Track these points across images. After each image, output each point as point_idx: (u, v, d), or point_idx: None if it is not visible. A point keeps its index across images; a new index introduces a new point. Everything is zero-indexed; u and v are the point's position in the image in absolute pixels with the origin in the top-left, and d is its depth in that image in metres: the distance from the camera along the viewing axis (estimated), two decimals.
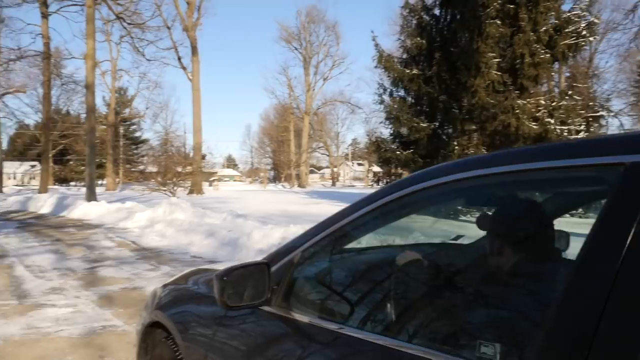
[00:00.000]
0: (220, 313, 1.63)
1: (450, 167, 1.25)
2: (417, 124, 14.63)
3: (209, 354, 1.65)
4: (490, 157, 1.22)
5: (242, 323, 1.59)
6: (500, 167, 1.12)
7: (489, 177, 1.14)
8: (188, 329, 1.81)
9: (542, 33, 12.96)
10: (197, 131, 28.27)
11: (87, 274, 5.86)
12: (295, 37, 45.96)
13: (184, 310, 1.92)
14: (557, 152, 1.07)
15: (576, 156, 0.98)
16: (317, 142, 55.36)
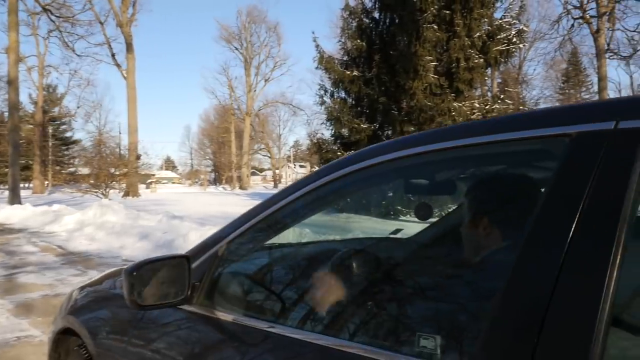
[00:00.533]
0: (137, 315, 1.47)
1: (384, 147, 1.16)
2: (357, 125, 14.77)
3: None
4: (426, 134, 1.13)
5: (159, 326, 1.42)
6: (438, 143, 1.03)
7: (427, 154, 1.06)
8: (101, 335, 1.62)
9: (476, 39, 13.44)
10: (132, 131, 27.22)
11: (3, 281, 5.39)
12: (235, 37, 45.36)
13: (99, 314, 1.72)
14: (499, 125, 1.00)
15: (520, 129, 0.92)
16: (258, 144, 54.90)
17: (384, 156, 1.12)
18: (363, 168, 1.15)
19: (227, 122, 49.81)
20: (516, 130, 0.93)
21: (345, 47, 16.28)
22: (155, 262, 1.26)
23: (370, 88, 14.86)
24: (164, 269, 1.27)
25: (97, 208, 10.08)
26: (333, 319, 1.22)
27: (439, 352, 0.88)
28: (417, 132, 1.23)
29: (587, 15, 24.31)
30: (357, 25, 15.73)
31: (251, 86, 45.10)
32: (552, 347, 0.71)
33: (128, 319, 1.52)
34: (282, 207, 1.27)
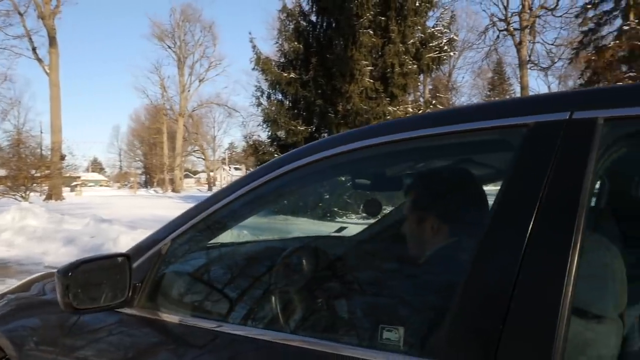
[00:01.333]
0: (69, 322, 1.34)
1: (330, 142, 1.14)
2: (294, 127, 14.77)
3: None
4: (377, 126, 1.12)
5: (95, 331, 1.31)
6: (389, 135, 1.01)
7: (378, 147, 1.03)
8: (28, 346, 1.46)
9: (410, 45, 13.85)
10: (55, 131, 25.68)
11: None
12: (168, 35, 43.95)
13: (24, 322, 1.56)
14: (455, 116, 1.00)
15: (476, 119, 0.92)
16: (192, 146, 53.52)
17: (328, 151, 1.09)
18: (301, 166, 1.12)
19: (158, 123, 48.12)
20: (472, 120, 0.92)
21: (282, 49, 16.25)
22: (92, 262, 1.17)
23: (307, 90, 14.92)
24: (102, 269, 1.17)
25: (15, 211, 9.37)
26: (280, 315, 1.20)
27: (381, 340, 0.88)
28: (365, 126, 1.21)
29: (511, 27, 25.87)
30: (294, 27, 15.74)
31: (185, 86, 43.91)
32: (516, 338, 0.71)
33: (58, 326, 1.39)
34: (223, 206, 1.21)
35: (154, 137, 50.54)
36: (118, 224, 8.06)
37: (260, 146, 16.13)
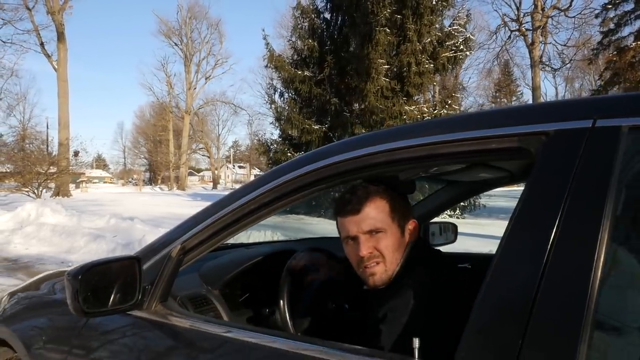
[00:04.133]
0: (79, 323, 1.33)
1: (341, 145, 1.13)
2: (308, 125, 14.62)
3: None
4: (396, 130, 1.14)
5: (105, 334, 1.30)
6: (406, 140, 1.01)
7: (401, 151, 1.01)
8: (37, 345, 1.45)
9: (427, 44, 13.68)
10: (63, 127, 25.56)
11: None
12: (175, 32, 43.81)
13: (34, 322, 1.55)
14: (475, 121, 0.99)
15: (496, 125, 0.91)
16: (197, 143, 53.42)
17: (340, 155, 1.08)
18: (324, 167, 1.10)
19: (164, 120, 48.02)
20: (493, 127, 0.91)
21: (296, 47, 16.11)
22: (102, 265, 1.16)
23: (322, 89, 14.77)
24: (112, 271, 1.16)
25: (32, 208, 9.25)
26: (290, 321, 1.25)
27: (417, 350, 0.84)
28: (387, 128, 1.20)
29: (523, 28, 25.69)
30: (308, 25, 15.62)
31: (191, 84, 43.75)
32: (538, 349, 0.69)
33: (68, 327, 1.38)
34: (239, 207, 1.19)
35: (160, 134, 50.41)
36: (140, 223, 7.93)
37: (273, 145, 16.01)
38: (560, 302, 0.69)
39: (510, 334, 0.71)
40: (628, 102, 0.85)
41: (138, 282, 1.17)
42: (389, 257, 1.14)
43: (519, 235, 0.78)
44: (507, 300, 0.75)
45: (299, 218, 13.11)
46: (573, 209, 0.73)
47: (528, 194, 0.80)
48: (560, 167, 0.78)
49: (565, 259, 0.71)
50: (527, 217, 0.79)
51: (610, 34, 14.34)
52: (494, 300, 0.76)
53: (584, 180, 0.74)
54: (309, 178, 1.11)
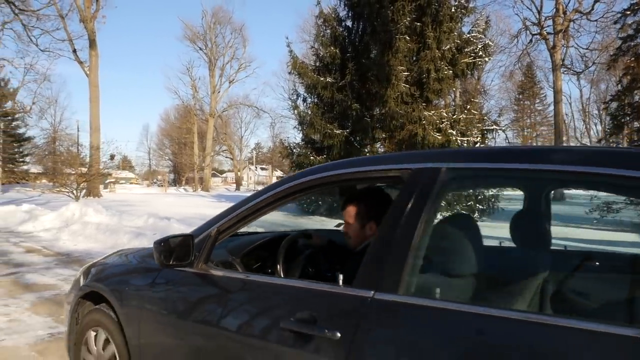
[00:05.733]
0: (149, 280, 2.11)
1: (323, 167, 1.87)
2: (330, 130, 15.08)
3: (143, 312, 2.07)
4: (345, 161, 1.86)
5: (170, 283, 2.03)
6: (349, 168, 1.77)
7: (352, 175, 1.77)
8: (125, 295, 2.19)
9: (446, 51, 14.05)
10: (95, 130, 26.56)
11: (6, 281, 5.40)
12: (200, 37, 44.83)
13: (121, 279, 2.32)
14: (381, 160, 1.76)
15: (389, 162, 1.69)
16: (220, 145, 54.39)
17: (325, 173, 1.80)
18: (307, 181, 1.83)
19: (189, 123, 49.07)
20: (390, 163, 1.67)
21: (318, 54, 16.61)
22: (173, 238, 1.91)
23: (343, 94, 15.24)
24: (177, 242, 1.90)
25: (76, 208, 9.97)
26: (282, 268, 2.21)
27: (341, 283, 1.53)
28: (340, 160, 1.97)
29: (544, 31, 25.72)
30: (331, 32, 16.12)
31: (215, 87, 44.70)
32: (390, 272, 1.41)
33: (144, 282, 2.14)
34: (253, 204, 1.91)
35: (184, 136, 51.52)
36: (176, 222, 8.55)
37: (296, 148, 16.55)
38: (401, 253, 1.39)
39: (383, 269, 1.42)
40: (445, 154, 1.61)
41: (191, 250, 1.89)
42: (353, 237, 2.09)
43: (390, 220, 1.48)
44: (380, 253, 1.45)
45: (320, 219, 13.63)
46: (414, 207, 1.43)
47: (397, 200, 1.51)
48: (411, 187, 1.48)
49: (405, 231, 1.41)
50: (396, 211, 1.48)
51: (628, 39, 14.48)
52: (375, 252, 1.47)
53: (420, 194, 1.44)
54: (297, 187, 1.83)
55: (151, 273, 2.11)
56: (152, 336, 2.06)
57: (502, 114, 34.18)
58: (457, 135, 14.04)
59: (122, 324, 2.16)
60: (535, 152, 1.45)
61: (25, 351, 3.29)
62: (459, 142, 13.84)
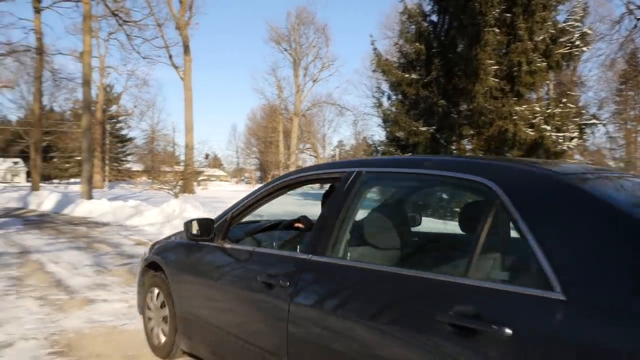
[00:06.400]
0: (184, 252, 3.06)
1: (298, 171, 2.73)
2: (415, 127, 14.92)
3: (180, 274, 3.01)
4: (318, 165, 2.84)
5: (202, 252, 2.88)
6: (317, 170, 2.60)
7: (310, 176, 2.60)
8: (170, 263, 3.16)
9: (539, 42, 13.38)
10: (189, 131, 28.23)
11: (122, 271, 5.99)
12: (284, 38, 46.00)
13: (169, 253, 3.27)
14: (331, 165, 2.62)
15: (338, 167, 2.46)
16: (304, 143, 55.48)
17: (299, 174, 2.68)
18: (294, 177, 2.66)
19: (274, 122, 50.60)
20: (335, 168, 2.47)
21: (402, 50, 16.47)
22: (199, 219, 2.79)
23: (429, 91, 15.00)
24: (202, 223, 2.76)
25: (176, 205, 10.73)
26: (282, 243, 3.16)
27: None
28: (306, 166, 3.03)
29: None
30: (415, 28, 15.91)
31: (299, 87, 45.73)
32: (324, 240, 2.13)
33: (183, 253, 3.07)
34: (254, 196, 2.75)
35: (270, 135, 53.19)
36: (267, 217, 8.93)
37: (380, 147, 16.56)
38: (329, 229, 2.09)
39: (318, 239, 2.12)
40: (364, 162, 2.32)
41: (212, 229, 2.74)
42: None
43: (327, 206, 2.26)
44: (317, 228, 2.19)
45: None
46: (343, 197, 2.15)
47: (334, 192, 2.24)
48: (343, 185, 2.17)
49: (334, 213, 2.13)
50: (332, 200, 2.21)
51: None
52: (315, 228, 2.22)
53: (348, 189, 2.14)
54: (281, 185, 2.65)
55: (186, 247, 3.03)
56: (186, 290, 2.95)
57: (602, 107, 31.77)
58: (552, 130, 13.32)
59: (169, 283, 3.11)
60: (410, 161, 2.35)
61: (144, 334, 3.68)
62: (553, 138, 13.14)
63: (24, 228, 10.59)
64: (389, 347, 1.64)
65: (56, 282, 5.37)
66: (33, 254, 7.21)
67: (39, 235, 9.32)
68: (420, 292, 1.66)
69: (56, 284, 5.25)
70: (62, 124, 43.96)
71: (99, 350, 3.32)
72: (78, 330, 3.73)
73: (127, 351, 3.32)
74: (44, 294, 4.82)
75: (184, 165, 21.01)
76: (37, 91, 25.04)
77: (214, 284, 2.67)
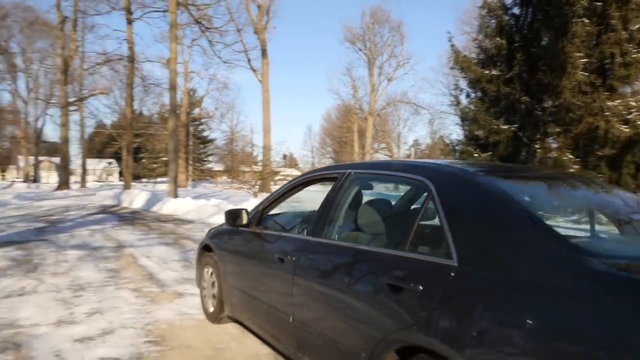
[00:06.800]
0: (227, 236, 3.89)
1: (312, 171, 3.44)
2: (496, 126, 14.39)
3: (225, 254, 3.84)
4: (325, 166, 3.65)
5: (238, 237, 3.71)
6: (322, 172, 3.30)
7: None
8: (217, 245, 4.00)
9: (634, 31, 12.41)
10: (267, 132, 28.99)
11: None
12: (359, 38, 45.95)
13: (218, 237, 4.09)
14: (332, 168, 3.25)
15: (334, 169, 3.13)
16: (379, 143, 55.17)
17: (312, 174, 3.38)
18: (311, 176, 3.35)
19: (349, 122, 50.76)
20: (335, 169, 3.09)
21: (482, 46, 15.92)
22: (235, 209, 3.61)
23: (511, 87, 14.39)
24: (237, 212, 3.55)
25: (255, 203, 11.09)
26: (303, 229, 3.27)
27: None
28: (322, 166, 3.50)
29: None
30: (496, 22, 15.33)
31: (374, 86, 45.52)
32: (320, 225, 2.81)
33: (227, 237, 3.90)
34: (281, 190, 3.51)
35: (345, 135, 53.45)
36: None
37: (459, 146, 16.12)
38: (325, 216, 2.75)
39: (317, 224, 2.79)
40: (352, 165, 2.91)
41: (246, 217, 3.55)
42: None
43: (325, 199, 2.84)
44: (316, 216, 2.85)
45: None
46: (336, 192, 2.79)
47: (330, 188, 2.87)
48: (339, 184, 2.81)
49: (329, 204, 2.77)
50: (328, 195, 2.83)
51: None
52: (316, 215, 2.87)
53: (340, 186, 2.79)
54: (299, 183, 3.39)
55: (229, 232, 3.85)
56: (228, 267, 3.76)
57: None
58: None
59: (217, 261, 3.93)
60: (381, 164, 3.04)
61: (230, 328, 3.87)
62: None
63: (119, 224, 11.44)
64: (355, 299, 2.26)
65: (148, 275, 5.77)
66: (127, 248, 7.78)
67: (131, 231, 10.03)
68: (374, 262, 2.28)
69: (149, 277, 5.64)
70: (150, 126, 46.81)
71: (189, 342, 3.54)
72: (170, 322, 3.99)
73: (216, 344, 3.51)
74: (138, 286, 5.19)
75: (261, 165, 21.68)
76: (129, 97, 26.88)
77: (247, 261, 3.46)
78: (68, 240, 8.66)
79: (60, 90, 30.47)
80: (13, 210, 15.03)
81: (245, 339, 3.61)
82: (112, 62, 28.26)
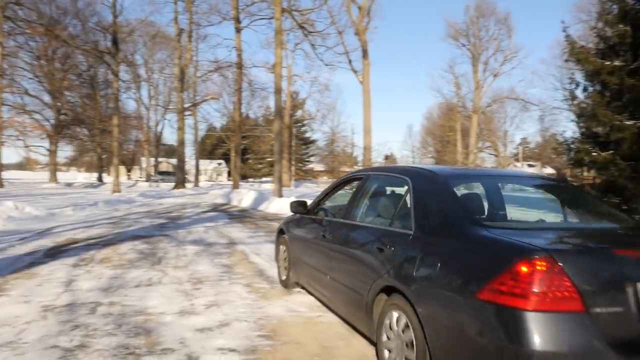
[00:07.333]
0: (294, 221, 5.29)
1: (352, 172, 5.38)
2: (619, 122, 13.12)
3: (292, 236, 5.18)
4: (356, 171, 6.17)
5: (301, 222, 5.09)
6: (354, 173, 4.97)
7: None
8: (289, 229, 5.32)
9: None
10: (367, 132, 29.04)
11: None
12: (463, 33, 44.35)
13: (288, 222, 5.45)
14: (358, 172, 4.98)
15: (361, 172, 4.75)
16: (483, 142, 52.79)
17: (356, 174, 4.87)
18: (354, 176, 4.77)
19: (452, 120, 49.24)
20: (363, 172, 4.65)
21: (602, 34, 14.62)
22: (298, 200, 5.21)
23: (636, 79, 13.05)
24: (299, 202, 5.04)
25: None
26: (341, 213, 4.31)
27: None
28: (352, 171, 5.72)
29: None
30: (619, 8, 13.99)
31: (478, 82, 43.68)
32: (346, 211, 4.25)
33: (294, 222, 5.29)
34: (330, 187, 5.06)
35: (447, 134, 51.93)
36: None
37: (575, 144, 14.95)
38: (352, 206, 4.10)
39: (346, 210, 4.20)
40: (371, 169, 4.53)
41: (306, 207, 4.98)
42: None
43: (352, 193, 4.19)
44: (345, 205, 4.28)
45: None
46: (360, 187, 4.10)
47: (357, 186, 4.21)
48: (362, 182, 4.16)
49: (356, 198, 4.10)
50: (355, 190, 4.17)
51: None
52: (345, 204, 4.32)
53: (363, 183, 4.11)
54: (341, 182, 4.85)
55: (296, 218, 5.23)
56: (295, 244, 5.07)
57: None
58: None
59: (287, 241, 5.26)
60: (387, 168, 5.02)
61: (337, 327, 3.97)
62: None
63: (229, 222, 12.16)
64: (360, 259, 3.46)
65: (259, 272, 6.09)
66: (238, 245, 8.27)
67: (241, 229, 10.63)
68: (371, 233, 3.53)
69: (259, 274, 5.96)
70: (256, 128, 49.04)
71: (299, 338, 3.69)
72: (280, 318, 4.19)
73: (323, 342, 3.63)
74: (250, 282, 5.51)
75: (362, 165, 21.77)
76: (238, 101, 28.42)
77: (305, 239, 4.77)
78: (186, 236, 9.40)
79: (177, 96, 33.01)
80: (139, 207, 16.61)
81: (352, 339, 3.68)
82: (222, 69, 30.06)
